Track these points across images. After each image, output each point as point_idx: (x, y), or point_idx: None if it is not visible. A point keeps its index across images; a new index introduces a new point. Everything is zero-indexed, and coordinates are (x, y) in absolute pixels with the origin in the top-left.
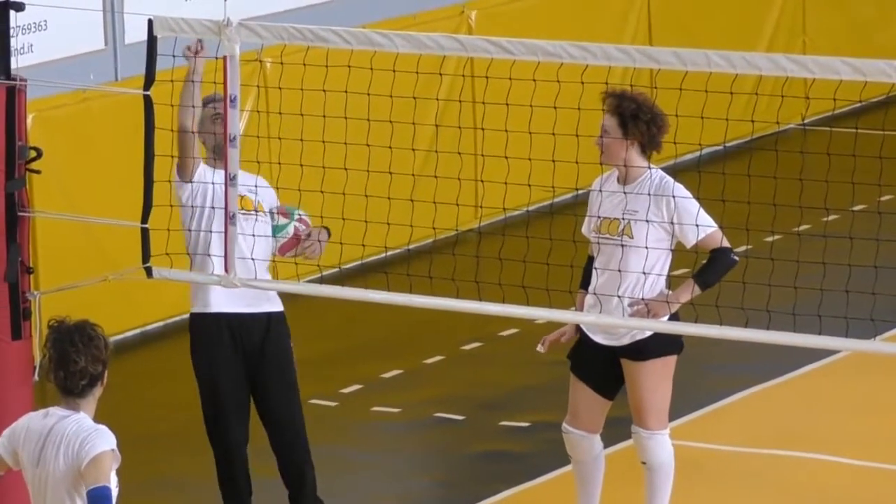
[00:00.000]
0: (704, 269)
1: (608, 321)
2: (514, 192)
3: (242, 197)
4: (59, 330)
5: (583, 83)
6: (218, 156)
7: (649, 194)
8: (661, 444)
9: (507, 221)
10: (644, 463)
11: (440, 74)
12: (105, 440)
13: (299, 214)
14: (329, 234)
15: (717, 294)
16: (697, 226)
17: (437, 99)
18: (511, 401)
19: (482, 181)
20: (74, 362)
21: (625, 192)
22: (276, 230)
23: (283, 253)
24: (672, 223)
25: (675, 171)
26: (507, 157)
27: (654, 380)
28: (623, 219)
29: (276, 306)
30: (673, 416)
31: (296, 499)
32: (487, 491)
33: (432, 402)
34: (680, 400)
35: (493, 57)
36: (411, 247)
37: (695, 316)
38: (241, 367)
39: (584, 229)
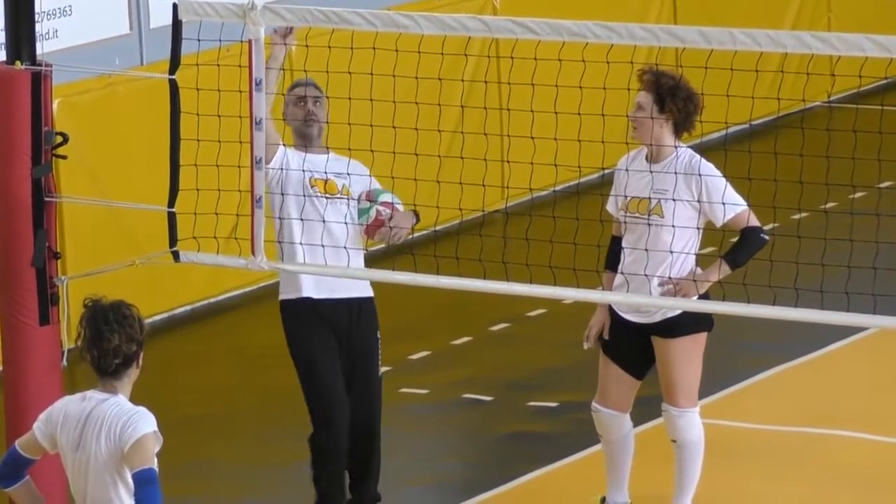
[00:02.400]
0: (734, 249)
1: (636, 300)
2: (540, 172)
3: (326, 181)
4: (93, 308)
5: (608, 63)
6: (305, 140)
7: (678, 173)
8: (691, 422)
9: (534, 202)
10: (674, 441)
11: (465, 55)
12: (147, 422)
13: (384, 198)
14: (417, 219)
15: (744, 272)
16: (726, 204)
17: (463, 80)
18: (539, 381)
19: (508, 162)
20: (108, 341)
21: (653, 171)
22: (360, 214)
23: (370, 236)
24: (701, 202)
25: (702, 150)
26: (532, 138)
27: (685, 357)
28: (652, 198)
29: (365, 292)
30: (701, 394)
31: (357, 487)
32: (516, 471)
33: (460, 383)
34: (708, 378)
35: (518, 37)
36: (438, 228)
37: (722, 294)
38: (335, 345)
39: (609, 207)
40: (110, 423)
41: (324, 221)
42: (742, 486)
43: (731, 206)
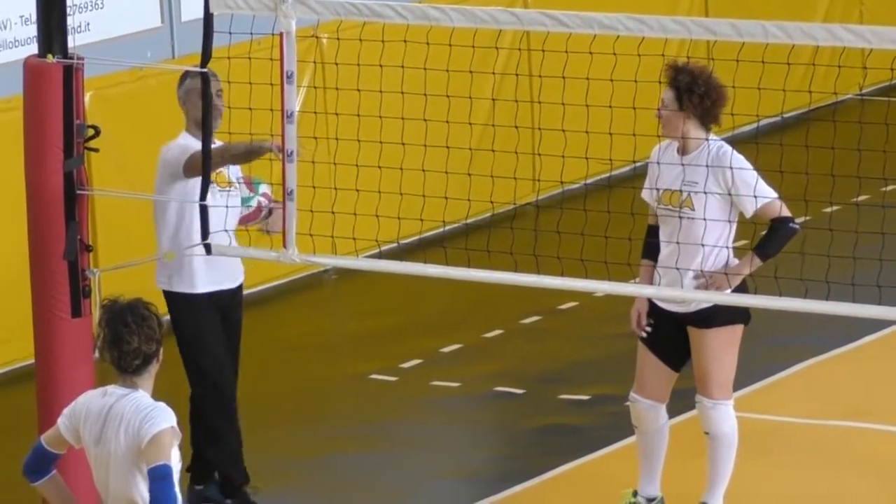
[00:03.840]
0: (764, 241)
1: (669, 293)
2: (571, 165)
3: (219, 173)
4: (111, 310)
5: (639, 56)
6: (199, 128)
7: (707, 165)
8: (724, 414)
9: (565, 195)
10: (707, 433)
11: (496, 48)
12: (165, 417)
13: (264, 189)
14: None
15: (776, 265)
16: (755, 196)
17: (494, 73)
18: (571, 374)
19: (539, 155)
20: (127, 342)
21: (683, 164)
22: (243, 202)
23: (243, 223)
24: (730, 194)
25: (733, 143)
26: (564, 131)
27: (719, 348)
28: (683, 191)
29: (242, 279)
30: (734, 387)
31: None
32: (548, 464)
33: (492, 376)
34: (740, 371)
35: (549, 30)
36: (469, 221)
37: (754, 287)
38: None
39: (644, 195)
40: (129, 419)
41: (227, 209)
42: (774, 479)
43: (760, 197)
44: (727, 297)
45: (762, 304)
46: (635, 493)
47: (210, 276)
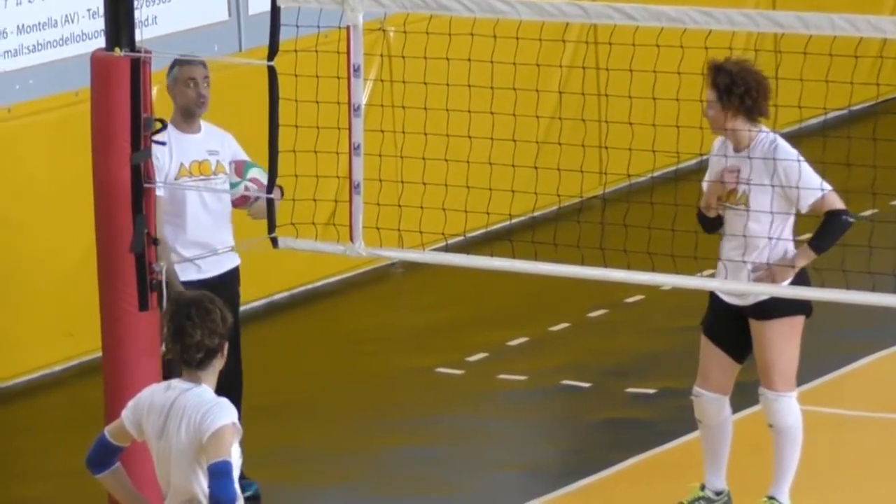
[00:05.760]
0: (817, 234)
1: (732, 286)
2: (638, 158)
3: (201, 162)
4: (177, 303)
5: (706, 48)
6: (189, 120)
7: (759, 160)
8: (788, 406)
9: (632, 188)
10: (771, 426)
11: (563, 41)
12: (226, 413)
13: (254, 173)
14: (282, 194)
15: (842, 258)
16: (808, 189)
17: (561, 66)
18: (637, 367)
19: (606, 148)
20: (190, 336)
21: (736, 160)
22: (231, 186)
23: (235, 206)
24: (782, 187)
25: (801, 136)
26: (630, 124)
27: (780, 339)
28: (739, 187)
29: (237, 261)
30: (800, 381)
31: None
32: (614, 458)
33: (558, 369)
34: (807, 365)
35: (616, 23)
36: (536, 214)
37: (821, 280)
38: None
39: (703, 187)
40: (190, 414)
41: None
42: (841, 473)
43: (811, 191)
44: (794, 291)
45: (829, 297)
46: (703, 487)
47: (185, 266)
